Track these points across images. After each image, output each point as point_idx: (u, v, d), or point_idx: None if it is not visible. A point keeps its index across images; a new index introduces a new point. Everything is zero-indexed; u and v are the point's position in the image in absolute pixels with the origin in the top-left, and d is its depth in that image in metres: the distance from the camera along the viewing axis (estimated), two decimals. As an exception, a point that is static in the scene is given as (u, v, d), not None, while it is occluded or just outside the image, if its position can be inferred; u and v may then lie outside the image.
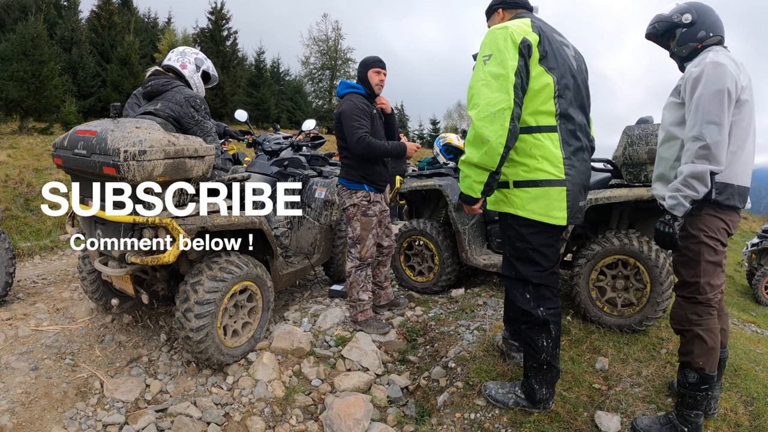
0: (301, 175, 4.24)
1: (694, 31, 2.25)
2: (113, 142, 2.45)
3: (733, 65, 2.08)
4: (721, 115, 2.00)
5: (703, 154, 1.99)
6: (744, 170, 2.18)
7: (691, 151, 2.04)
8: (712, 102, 2.01)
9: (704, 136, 1.99)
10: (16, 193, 7.38)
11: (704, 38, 2.23)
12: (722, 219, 2.16)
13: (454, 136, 4.85)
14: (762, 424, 2.42)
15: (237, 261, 3.02)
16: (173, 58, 3.27)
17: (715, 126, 1.99)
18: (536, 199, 2.17)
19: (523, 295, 2.33)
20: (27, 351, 3.19)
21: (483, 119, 2.05)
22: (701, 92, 2.04)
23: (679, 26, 2.29)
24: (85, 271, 3.51)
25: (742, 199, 2.17)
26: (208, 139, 3.02)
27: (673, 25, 2.33)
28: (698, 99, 2.04)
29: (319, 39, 34.52)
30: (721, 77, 2.02)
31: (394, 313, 3.90)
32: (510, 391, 2.54)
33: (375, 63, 3.48)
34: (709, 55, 2.13)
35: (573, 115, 2.20)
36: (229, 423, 2.66)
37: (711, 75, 2.04)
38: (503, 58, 2.05)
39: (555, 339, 2.32)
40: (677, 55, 2.34)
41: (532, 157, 2.16)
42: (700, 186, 2.02)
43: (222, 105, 19.49)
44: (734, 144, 2.11)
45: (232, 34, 23.06)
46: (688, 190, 2.04)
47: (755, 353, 3.28)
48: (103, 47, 18.12)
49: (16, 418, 2.57)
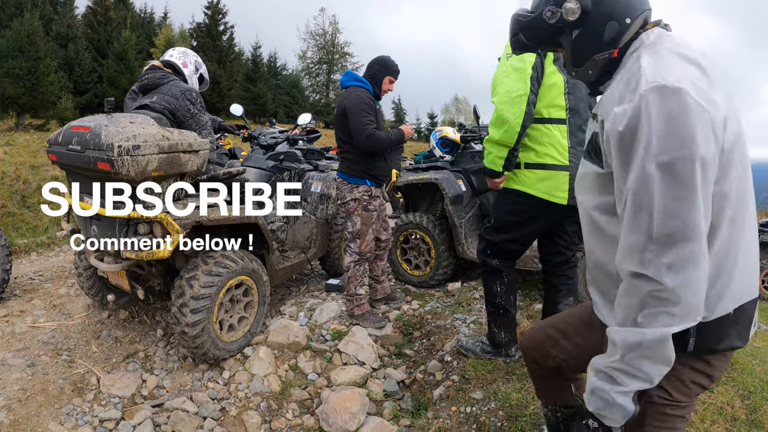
0: (297, 169, 4.22)
1: (593, 28, 1.21)
2: (107, 138, 2.45)
3: (696, 74, 1.05)
4: (694, 217, 1.00)
5: (660, 309, 1.02)
6: (747, 272, 1.17)
7: (632, 301, 1.07)
8: (672, 187, 1.00)
9: (660, 275, 1.01)
10: (12, 190, 7.35)
11: (620, 32, 1.19)
12: (703, 372, 1.21)
13: (450, 129, 4.84)
14: (759, 417, 2.42)
15: (232, 256, 3.02)
16: (175, 55, 3.35)
17: (682, 245, 1.00)
18: (542, 180, 2.45)
19: (484, 251, 2.71)
20: (24, 347, 3.19)
21: (504, 103, 2.38)
22: (643, 169, 1.02)
23: (561, 28, 1.25)
24: (81, 267, 3.51)
25: (743, 330, 1.19)
26: (204, 132, 3.04)
27: (548, 30, 1.26)
28: (639, 185, 1.03)
29: (316, 33, 34.34)
30: (683, 123, 0.99)
31: (391, 307, 3.91)
32: (477, 340, 2.93)
33: (395, 72, 3.46)
34: (641, 65, 1.09)
35: (581, 111, 2.47)
36: (226, 417, 2.67)
37: (660, 124, 1.00)
38: (523, 56, 2.35)
39: (508, 286, 2.67)
40: (583, 78, 1.31)
41: (542, 144, 2.46)
42: (654, 367, 1.06)
43: (219, 100, 19.39)
44: (724, 235, 1.10)
45: (229, 29, 22.93)
46: (627, 379, 1.07)
47: (752, 347, 3.28)
48: (99, 43, 18.00)
49: (12, 415, 2.57)
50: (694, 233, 1.00)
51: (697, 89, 1.01)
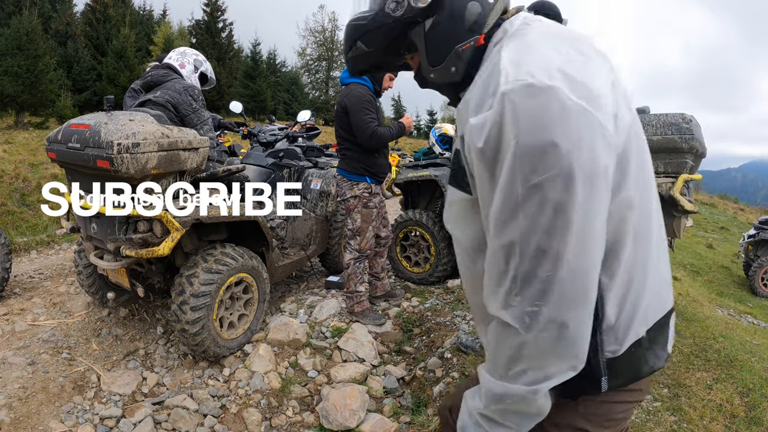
0: (296, 166, 4.22)
1: (451, 11, 0.96)
2: (107, 135, 2.45)
3: (570, 63, 0.80)
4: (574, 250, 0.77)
5: (527, 365, 0.83)
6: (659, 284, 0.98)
7: (497, 349, 0.87)
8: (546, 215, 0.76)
9: (527, 326, 0.80)
10: (12, 189, 7.34)
11: (483, 14, 0.96)
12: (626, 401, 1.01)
13: (450, 126, 4.83)
14: (758, 415, 2.43)
15: (232, 253, 3.02)
16: (173, 57, 3.39)
17: (558, 286, 0.78)
18: None
19: None
20: (24, 346, 3.19)
21: None
22: (509, 192, 0.78)
23: (411, 20, 0.98)
24: (81, 265, 3.51)
25: (661, 349, 0.99)
26: (205, 128, 3.07)
27: (395, 27, 1.00)
28: (504, 213, 0.80)
29: (316, 30, 34.28)
30: (560, 132, 0.75)
31: (391, 304, 3.91)
32: (477, 337, 2.89)
33: None
34: (501, 59, 0.84)
35: None
36: (226, 415, 2.67)
37: (528, 136, 0.75)
38: None
39: None
40: (446, 79, 1.02)
41: None
42: (522, 419, 0.88)
43: (218, 97, 19.37)
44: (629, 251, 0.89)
45: (228, 26, 22.89)
46: (492, 426, 0.90)
47: (751, 344, 3.29)
48: (98, 41, 17.96)
49: (13, 413, 2.58)
50: (576, 271, 0.78)
51: (574, 84, 0.77)
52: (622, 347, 0.92)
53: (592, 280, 0.80)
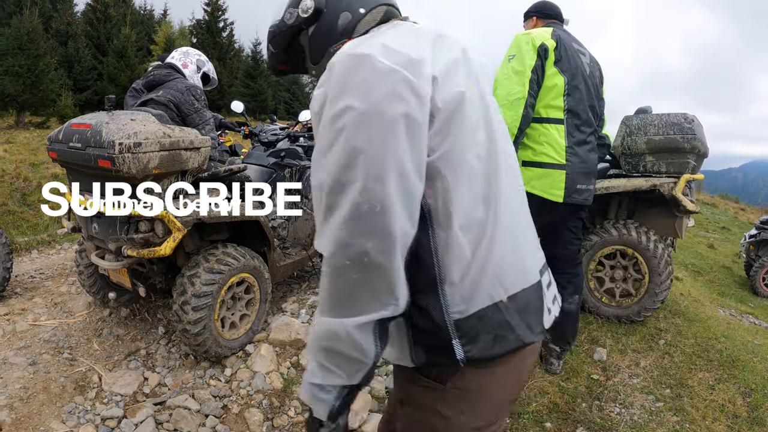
0: (298, 166, 4.22)
1: (328, 20, 1.15)
2: (108, 135, 2.44)
3: (399, 43, 0.91)
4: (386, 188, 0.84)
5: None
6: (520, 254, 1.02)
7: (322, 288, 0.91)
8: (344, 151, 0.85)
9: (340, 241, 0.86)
10: (12, 188, 7.34)
11: (353, 21, 1.14)
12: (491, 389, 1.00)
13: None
14: (760, 415, 2.43)
15: (234, 253, 3.01)
16: (176, 56, 3.40)
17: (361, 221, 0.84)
18: (540, 177, 2.52)
19: None
20: (25, 346, 3.19)
21: (502, 106, 2.45)
22: (320, 141, 0.91)
23: (299, 27, 1.19)
24: (82, 265, 3.51)
25: (536, 316, 1.01)
26: (207, 128, 3.07)
27: (289, 32, 1.21)
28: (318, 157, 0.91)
29: (317, 30, 34.28)
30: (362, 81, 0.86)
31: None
32: None
33: None
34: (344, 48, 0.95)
35: (580, 112, 2.55)
36: (228, 415, 2.67)
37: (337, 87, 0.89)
38: (523, 58, 2.47)
39: None
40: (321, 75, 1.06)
41: (539, 143, 2.53)
42: (346, 361, 0.90)
43: (219, 97, 19.34)
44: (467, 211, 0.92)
45: (229, 26, 22.86)
46: (320, 371, 0.93)
47: (753, 344, 3.29)
48: (99, 40, 17.95)
49: (14, 414, 2.57)
50: (370, 201, 0.84)
51: (389, 52, 0.88)
52: (470, 307, 0.93)
53: (390, 215, 0.84)
